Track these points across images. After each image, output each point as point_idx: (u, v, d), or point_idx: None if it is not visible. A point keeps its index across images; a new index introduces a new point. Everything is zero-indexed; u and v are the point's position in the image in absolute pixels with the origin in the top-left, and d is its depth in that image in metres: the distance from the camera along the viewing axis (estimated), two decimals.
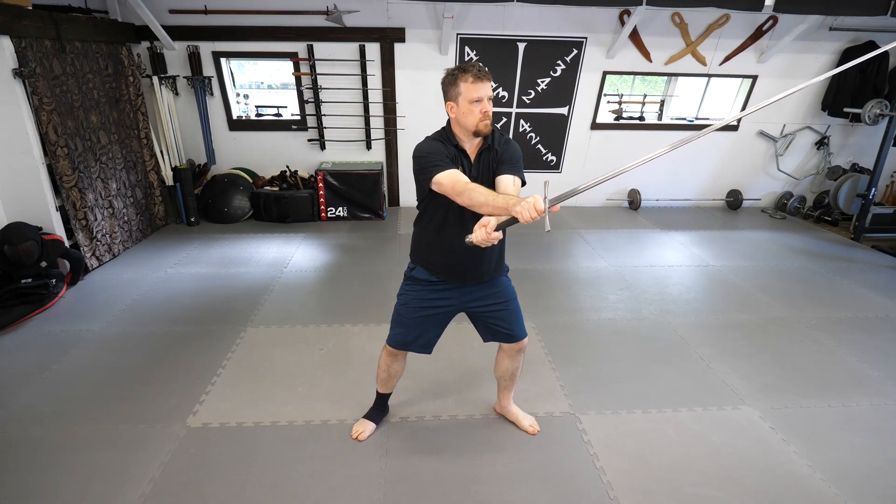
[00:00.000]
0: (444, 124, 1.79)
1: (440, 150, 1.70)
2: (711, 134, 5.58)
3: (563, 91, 5.17)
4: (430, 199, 1.76)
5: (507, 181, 1.70)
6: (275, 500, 1.90)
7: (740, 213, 5.77)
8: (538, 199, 1.41)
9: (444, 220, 1.79)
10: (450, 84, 1.69)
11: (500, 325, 1.99)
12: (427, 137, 1.78)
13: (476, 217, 1.55)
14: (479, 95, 1.64)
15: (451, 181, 1.59)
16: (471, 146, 1.76)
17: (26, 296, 3.15)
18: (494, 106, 5.21)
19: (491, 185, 1.72)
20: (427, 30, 4.80)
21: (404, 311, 1.97)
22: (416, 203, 1.86)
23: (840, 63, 5.14)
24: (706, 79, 5.41)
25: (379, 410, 2.29)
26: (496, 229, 1.47)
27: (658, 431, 2.29)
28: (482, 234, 1.46)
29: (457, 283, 1.90)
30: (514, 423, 2.31)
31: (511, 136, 5.35)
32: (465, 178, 1.61)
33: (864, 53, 5.43)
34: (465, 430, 2.27)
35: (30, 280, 3.17)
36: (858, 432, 2.32)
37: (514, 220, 1.45)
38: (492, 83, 1.69)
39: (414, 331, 1.98)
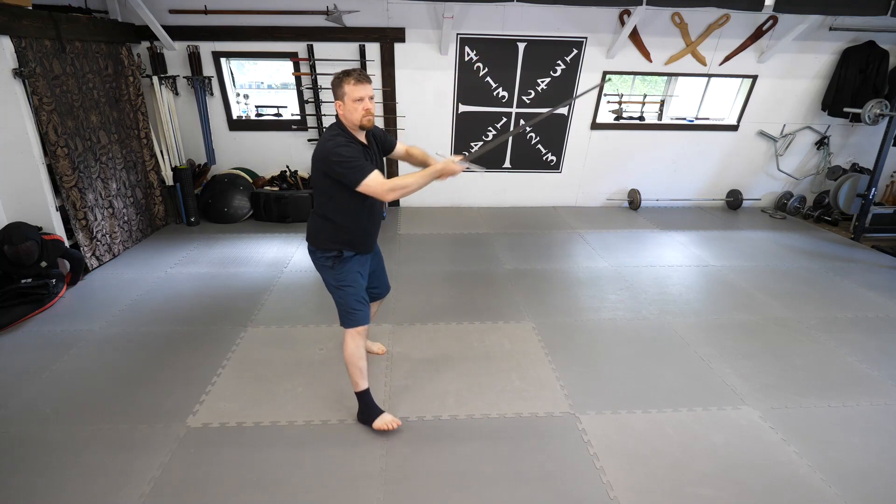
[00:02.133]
0: (335, 122, 2.04)
1: (356, 152, 1.95)
2: (711, 134, 5.64)
3: (563, 91, 5.17)
4: (355, 198, 2.01)
5: (401, 146, 2.27)
6: (275, 500, 1.90)
7: (740, 213, 5.77)
8: (449, 163, 2.01)
9: (368, 209, 2.10)
10: (337, 86, 1.96)
11: (383, 280, 2.47)
12: (332, 138, 1.96)
13: (378, 206, 2.15)
14: (360, 95, 1.92)
15: (377, 184, 1.92)
16: (361, 138, 2.05)
17: (26, 296, 3.15)
18: (495, 106, 5.22)
19: (382, 163, 2.15)
20: (427, 30, 4.79)
21: (357, 288, 2.16)
22: (321, 195, 2.07)
23: (840, 62, 5.15)
24: (706, 79, 5.41)
25: (373, 403, 2.26)
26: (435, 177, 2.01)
27: (658, 431, 2.29)
28: (454, 168, 2.01)
29: (369, 250, 2.24)
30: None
31: (511, 136, 5.37)
32: (383, 178, 1.95)
33: (865, 53, 5.41)
34: (465, 430, 2.27)
35: (30, 280, 3.18)
36: (858, 432, 2.32)
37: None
38: (371, 85, 1.97)
39: (367, 302, 2.21)
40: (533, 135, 5.39)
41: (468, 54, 4.93)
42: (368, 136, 2.10)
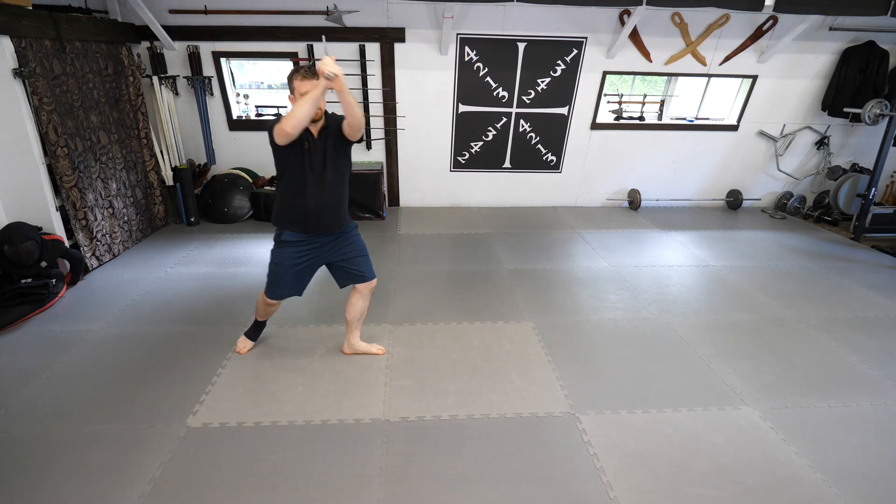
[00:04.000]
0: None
1: None
2: (711, 134, 5.65)
3: (563, 91, 5.17)
4: (286, 163, 2.23)
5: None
6: (275, 500, 1.90)
7: (740, 213, 5.77)
8: (326, 59, 1.98)
9: (302, 181, 2.26)
10: (289, 81, 2.19)
11: (356, 270, 2.53)
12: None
13: (318, 182, 2.24)
14: (306, 90, 2.10)
15: (280, 123, 2.04)
16: (314, 128, 2.23)
17: (26, 296, 3.15)
18: (495, 106, 5.21)
19: (335, 154, 2.27)
20: (427, 30, 4.79)
21: (279, 270, 2.45)
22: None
23: (840, 62, 5.15)
24: (706, 79, 5.41)
25: (256, 331, 2.82)
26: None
27: (658, 431, 2.29)
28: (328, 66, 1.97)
29: (317, 234, 2.38)
30: (366, 353, 2.78)
31: (511, 136, 5.37)
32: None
33: (865, 53, 5.42)
34: (465, 430, 2.27)
35: (30, 280, 3.17)
36: (858, 432, 2.32)
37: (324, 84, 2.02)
38: (318, 82, 2.09)
39: (287, 285, 2.50)
40: (533, 135, 5.39)
41: (468, 54, 4.93)
42: (324, 127, 2.25)
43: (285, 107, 5.22)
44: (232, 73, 5.08)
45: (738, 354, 2.92)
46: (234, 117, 5.11)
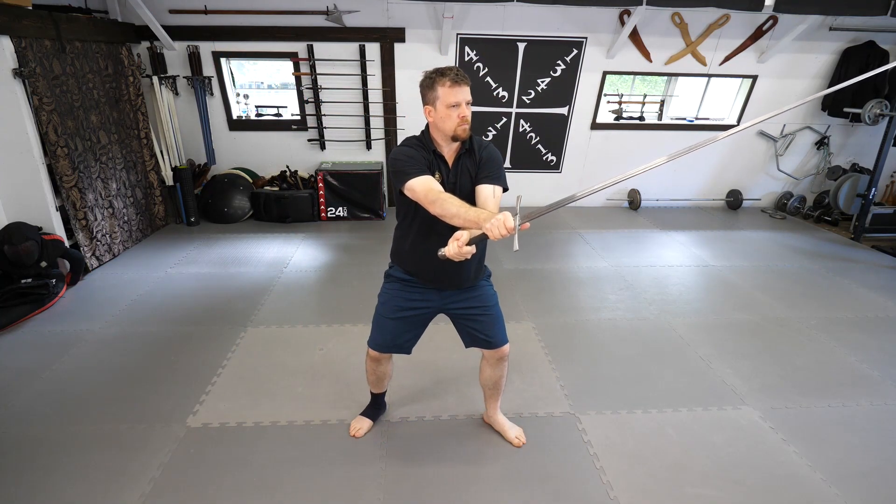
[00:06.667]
0: (423, 128, 1.78)
1: (416, 155, 1.66)
2: (711, 134, 5.60)
3: (563, 91, 5.17)
4: (408, 208, 1.75)
5: (487, 192, 1.68)
6: (275, 500, 1.90)
7: (740, 213, 5.77)
8: (508, 216, 1.40)
9: (424, 230, 1.75)
10: (427, 88, 1.67)
11: (479, 331, 1.93)
12: (404, 142, 1.75)
13: (453, 229, 1.51)
14: (456, 100, 1.61)
15: (423, 189, 1.57)
16: (449, 151, 1.73)
17: (26, 296, 3.15)
18: (495, 106, 5.21)
19: (470, 191, 1.71)
20: (427, 30, 4.79)
21: (383, 310, 1.93)
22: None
23: (840, 62, 5.15)
24: (706, 79, 5.41)
25: (375, 408, 2.30)
26: (468, 243, 1.46)
27: (658, 431, 2.29)
28: (454, 247, 1.45)
29: (434, 287, 1.88)
30: (501, 433, 2.23)
31: (511, 136, 5.37)
32: (438, 188, 1.59)
33: (865, 53, 5.36)
34: (465, 430, 2.27)
35: (30, 280, 3.17)
36: (858, 432, 2.32)
37: (485, 236, 1.44)
38: (469, 87, 1.65)
39: (391, 332, 1.93)
40: (533, 135, 5.39)
41: (468, 54, 4.93)
42: (465, 153, 1.73)
43: (286, 106, 5.23)
44: (232, 73, 5.08)
45: (738, 354, 2.92)
46: (234, 117, 5.11)
